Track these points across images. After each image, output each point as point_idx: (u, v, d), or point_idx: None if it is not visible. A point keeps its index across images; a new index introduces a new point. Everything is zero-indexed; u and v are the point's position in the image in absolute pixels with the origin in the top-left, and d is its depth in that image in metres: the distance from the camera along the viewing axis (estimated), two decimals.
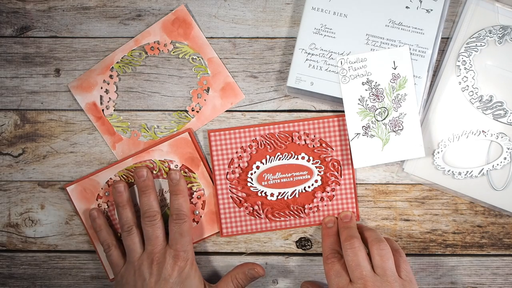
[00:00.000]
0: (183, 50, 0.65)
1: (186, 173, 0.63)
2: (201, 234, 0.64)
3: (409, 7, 0.62)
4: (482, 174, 0.63)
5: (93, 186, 0.64)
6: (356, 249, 0.56)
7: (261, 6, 0.65)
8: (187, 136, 0.63)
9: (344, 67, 0.62)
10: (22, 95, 0.66)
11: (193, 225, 0.63)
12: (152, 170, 0.63)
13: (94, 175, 0.64)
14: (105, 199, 0.64)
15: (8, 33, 0.66)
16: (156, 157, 0.63)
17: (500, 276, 0.65)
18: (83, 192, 0.63)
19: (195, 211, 0.63)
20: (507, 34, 0.62)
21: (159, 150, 0.63)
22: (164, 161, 0.63)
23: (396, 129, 0.62)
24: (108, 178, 0.63)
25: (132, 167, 0.63)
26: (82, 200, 0.64)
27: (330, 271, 0.57)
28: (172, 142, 0.63)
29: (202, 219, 0.64)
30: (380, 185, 0.65)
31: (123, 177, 0.63)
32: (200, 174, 0.63)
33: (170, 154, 0.63)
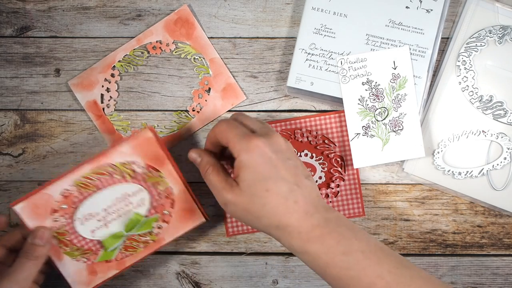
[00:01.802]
0: (185, 50, 0.65)
1: (151, 172, 0.59)
2: (173, 233, 0.60)
3: (409, 7, 0.62)
4: (482, 174, 0.63)
5: (46, 200, 0.57)
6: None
7: (261, 6, 0.65)
8: (149, 133, 0.58)
9: (344, 67, 0.62)
10: (22, 95, 0.65)
11: (164, 226, 0.60)
12: (113, 175, 0.58)
13: (45, 189, 0.57)
14: (62, 213, 0.58)
15: (8, 33, 0.66)
16: (117, 159, 0.58)
17: (500, 276, 0.65)
18: (35, 209, 0.57)
19: (164, 211, 0.60)
20: (507, 34, 0.62)
21: (119, 152, 0.58)
22: (125, 163, 0.58)
23: (396, 129, 0.62)
24: (63, 189, 0.58)
25: (90, 174, 0.58)
26: (35, 218, 0.57)
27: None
28: (133, 143, 0.58)
29: (173, 218, 0.60)
30: (380, 185, 0.65)
31: (80, 186, 0.58)
32: (167, 172, 0.59)
33: (132, 155, 0.58)
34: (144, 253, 0.60)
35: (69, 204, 0.58)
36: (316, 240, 0.50)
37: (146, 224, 0.59)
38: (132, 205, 0.59)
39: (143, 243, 0.60)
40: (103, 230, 0.59)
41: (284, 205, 0.50)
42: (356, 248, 0.49)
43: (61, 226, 0.58)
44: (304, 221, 0.50)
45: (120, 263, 0.60)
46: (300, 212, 0.50)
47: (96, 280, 0.60)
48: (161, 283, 0.66)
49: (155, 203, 0.59)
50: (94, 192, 0.58)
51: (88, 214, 0.58)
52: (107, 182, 0.58)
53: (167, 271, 0.66)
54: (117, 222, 0.59)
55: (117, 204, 0.59)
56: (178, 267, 0.66)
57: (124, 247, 0.60)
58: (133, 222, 0.59)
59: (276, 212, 0.50)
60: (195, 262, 0.66)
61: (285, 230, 0.50)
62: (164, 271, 0.66)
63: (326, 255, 0.49)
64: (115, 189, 0.58)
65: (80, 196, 0.58)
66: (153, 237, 0.60)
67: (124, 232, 0.59)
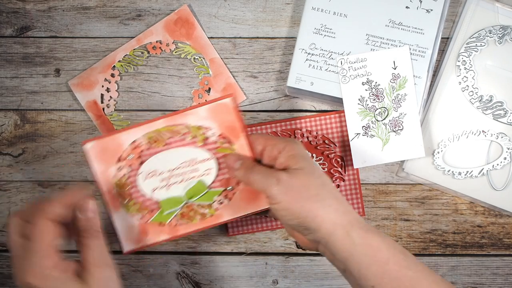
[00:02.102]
0: (185, 50, 0.65)
1: (224, 143, 0.56)
2: (233, 212, 0.57)
3: (409, 7, 0.62)
4: (482, 174, 0.63)
5: (116, 146, 0.55)
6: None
7: (261, 6, 0.65)
8: (230, 102, 0.55)
9: (344, 67, 0.62)
10: (22, 95, 0.65)
11: (225, 202, 0.57)
12: (185, 137, 0.56)
13: (118, 134, 0.55)
14: (128, 162, 0.56)
15: (8, 33, 0.66)
16: (192, 121, 0.55)
17: (500, 276, 0.65)
18: (104, 152, 0.55)
19: (228, 187, 0.57)
20: (507, 34, 0.62)
21: (196, 114, 0.55)
22: (201, 127, 0.56)
23: (396, 129, 0.62)
24: (134, 139, 0.56)
25: (163, 129, 0.55)
26: (101, 160, 0.55)
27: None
28: (212, 107, 0.55)
29: (236, 196, 0.57)
30: (380, 185, 0.65)
31: (151, 140, 0.56)
32: (239, 146, 0.56)
33: (208, 120, 0.55)
34: (199, 225, 0.57)
35: (136, 156, 0.56)
36: (377, 233, 0.50)
37: (208, 196, 0.57)
38: (198, 173, 0.57)
39: (200, 214, 0.57)
40: (163, 191, 0.57)
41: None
42: (410, 253, 0.50)
43: (124, 177, 0.56)
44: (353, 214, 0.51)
45: (172, 229, 0.57)
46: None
47: (146, 241, 0.57)
48: (161, 283, 0.66)
49: (221, 176, 0.57)
50: (163, 150, 0.56)
51: (153, 171, 0.56)
52: (178, 142, 0.56)
53: (167, 271, 0.66)
54: (179, 186, 0.57)
55: (183, 168, 0.56)
56: (178, 267, 0.66)
57: (181, 214, 0.57)
58: (196, 190, 0.57)
59: (336, 194, 0.50)
60: (195, 262, 0.66)
61: (348, 214, 0.50)
62: (164, 271, 0.66)
63: (387, 250, 0.49)
64: (184, 151, 0.56)
65: (148, 150, 0.56)
66: (211, 211, 0.57)
67: (184, 198, 0.57)
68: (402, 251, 0.50)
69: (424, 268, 0.49)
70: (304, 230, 0.50)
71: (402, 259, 0.49)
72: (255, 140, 0.54)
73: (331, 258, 0.51)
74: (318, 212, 0.49)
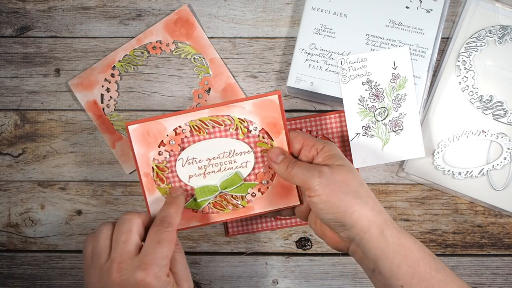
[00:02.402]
0: (185, 50, 0.65)
1: (264, 138, 0.57)
2: (264, 206, 0.58)
3: (409, 7, 0.62)
4: (482, 174, 0.63)
5: (159, 130, 0.56)
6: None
7: (261, 6, 0.65)
8: (276, 99, 0.56)
9: (344, 67, 0.62)
10: (22, 95, 0.65)
11: (258, 195, 0.58)
12: (228, 128, 0.57)
13: (162, 119, 0.56)
14: (169, 148, 0.57)
15: (8, 33, 0.66)
16: (236, 114, 0.56)
17: (500, 276, 0.65)
18: (146, 135, 0.56)
19: (263, 181, 0.58)
20: (507, 34, 0.62)
21: (241, 107, 0.56)
22: (244, 120, 0.57)
23: (396, 129, 0.62)
24: (178, 125, 0.56)
25: (207, 119, 0.56)
26: (142, 143, 0.56)
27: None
28: (257, 102, 0.56)
29: (269, 190, 0.58)
30: (380, 185, 0.65)
31: (194, 128, 0.56)
32: (279, 142, 0.57)
33: (252, 114, 0.56)
34: (230, 215, 0.58)
35: (178, 142, 0.57)
36: (408, 235, 0.51)
37: (243, 188, 0.58)
38: (235, 164, 0.58)
39: (232, 205, 0.58)
40: (200, 179, 0.57)
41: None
42: (438, 258, 0.51)
43: (163, 161, 0.57)
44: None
45: (204, 217, 0.58)
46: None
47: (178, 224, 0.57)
48: None
49: (257, 170, 0.58)
50: (204, 139, 0.57)
51: (192, 158, 0.57)
52: (220, 133, 0.57)
53: None
54: (215, 176, 0.58)
55: (222, 158, 0.57)
56: None
57: (213, 203, 0.58)
58: (232, 181, 0.58)
59: (371, 194, 0.52)
60: (195, 262, 0.66)
61: (382, 214, 0.51)
62: None
63: (418, 251, 0.50)
64: (225, 142, 0.57)
65: (190, 138, 0.57)
66: (244, 203, 0.58)
67: (219, 187, 0.58)
68: (431, 254, 0.51)
69: (451, 273, 0.50)
70: (339, 226, 0.51)
71: (432, 262, 0.50)
72: (294, 138, 0.56)
73: (361, 258, 0.52)
74: (356, 208, 0.50)
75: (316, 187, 0.50)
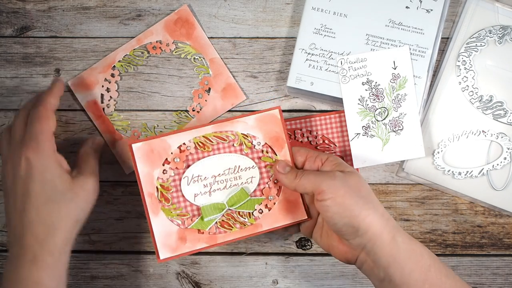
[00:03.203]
0: (185, 50, 0.65)
1: (268, 153, 0.58)
2: (272, 222, 0.58)
3: (409, 7, 0.62)
4: (482, 174, 0.63)
5: (163, 148, 0.56)
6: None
7: (261, 6, 0.65)
8: (277, 113, 0.58)
9: (344, 67, 0.62)
10: (22, 95, 0.65)
11: (265, 212, 0.58)
12: (232, 143, 0.57)
13: (166, 136, 0.56)
14: (173, 165, 0.57)
15: (8, 33, 0.66)
16: (239, 129, 0.57)
17: (500, 276, 0.65)
18: (150, 154, 0.56)
19: (269, 196, 0.58)
20: (507, 34, 0.62)
21: (244, 122, 0.57)
22: (247, 135, 0.57)
23: (396, 129, 0.62)
24: (182, 142, 0.57)
25: (212, 135, 0.57)
26: (147, 162, 0.56)
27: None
28: (260, 117, 0.58)
29: (275, 206, 0.58)
30: (380, 185, 0.65)
31: (198, 144, 0.57)
32: (282, 156, 0.58)
33: (255, 129, 0.58)
34: (238, 234, 0.58)
35: (182, 159, 0.57)
36: (417, 241, 0.51)
37: (250, 204, 0.57)
38: (241, 180, 0.57)
39: (240, 223, 0.58)
40: (206, 197, 0.57)
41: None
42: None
43: (168, 180, 0.56)
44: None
45: (211, 238, 0.57)
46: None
47: (183, 248, 0.57)
48: (161, 283, 0.66)
49: (262, 185, 0.58)
50: (209, 155, 0.57)
51: (197, 176, 0.57)
52: (224, 149, 0.57)
53: (167, 271, 0.66)
54: (222, 193, 0.57)
55: (227, 174, 0.57)
56: (178, 267, 0.66)
57: (220, 222, 0.57)
58: (238, 197, 0.57)
59: (379, 202, 0.52)
60: (195, 262, 0.66)
61: (391, 221, 0.51)
62: (164, 271, 0.66)
63: (429, 257, 0.50)
64: (229, 158, 0.57)
65: (194, 155, 0.56)
66: (251, 220, 0.58)
67: (226, 205, 0.57)
68: (440, 261, 0.51)
69: (460, 279, 0.51)
70: (352, 232, 0.51)
71: (442, 268, 0.50)
72: (297, 152, 0.57)
73: (371, 267, 0.51)
74: (369, 212, 0.50)
75: (330, 189, 0.50)
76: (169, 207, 0.57)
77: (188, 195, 0.57)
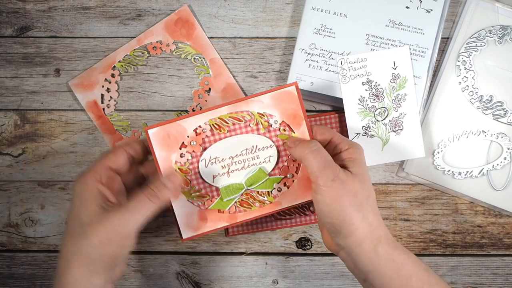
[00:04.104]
0: (186, 51, 0.65)
1: (285, 131, 0.57)
2: (291, 200, 0.58)
3: (409, 7, 0.62)
4: (482, 174, 0.63)
5: (179, 132, 0.55)
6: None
7: (261, 6, 0.65)
8: (294, 90, 0.55)
9: (344, 67, 0.62)
10: (22, 95, 0.65)
11: (284, 189, 0.58)
12: (249, 123, 0.56)
13: (181, 120, 0.55)
14: (190, 149, 0.56)
15: (8, 33, 0.66)
16: (255, 108, 0.56)
17: (500, 276, 0.65)
18: (166, 138, 0.55)
19: (288, 174, 0.58)
20: (507, 34, 0.62)
21: (259, 101, 0.56)
22: (264, 114, 0.56)
23: (396, 129, 0.62)
24: (197, 125, 0.55)
25: (227, 116, 0.56)
26: (164, 146, 0.55)
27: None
28: (275, 95, 0.56)
29: (294, 183, 0.58)
30: (380, 185, 0.65)
31: (214, 126, 0.56)
32: (301, 134, 0.56)
33: (271, 108, 0.56)
34: (258, 212, 0.58)
35: (199, 142, 0.56)
36: (402, 250, 0.51)
37: (268, 183, 0.57)
38: (259, 160, 0.57)
39: (259, 202, 0.58)
40: (224, 178, 0.57)
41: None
42: (433, 271, 0.52)
43: (186, 163, 0.56)
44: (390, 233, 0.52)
45: (231, 217, 0.58)
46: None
47: (205, 227, 0.57)
48: (161, 283, 0.66)
49: (281, 163, 0.57)
50: (225, 137, 0.56)
51: (215, 158, 0.56)
52: (241, 129, 0.56)
53: (167, 271, 0.66)
54: (240, 174, 0.57)
55: (245, 155, 0.57)
56: (178, 267, 0.66)
57: (240, 202, 0.57)
58: (256, 177, 0.57)
59: (375, 209, 0.52)
60: (195, 262, 0.66)
61: (380, 230, 0.51)
62: (164, 271, 0.66)
63: (411, 266, 0.50)
64: (246, 138, 0.56)
65: (211, 137, 0.56)
66: (270, 199, 0.58)
67: (244, 185, 0.57)
68: (426, 268, 0.51)
69: (446, 286, 0.51)
70: (334, 232, 0.51)
71: (425, 276, 0.50)
72: (323, 133, 0.55)
73: (351, 267, 0.52)
74: (355, 221, 0.50)
75: (325, 187, 0.50)
76: (189, 190, 0.57)
77: (207, 177, 0.57)
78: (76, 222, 0.49)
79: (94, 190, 0.50)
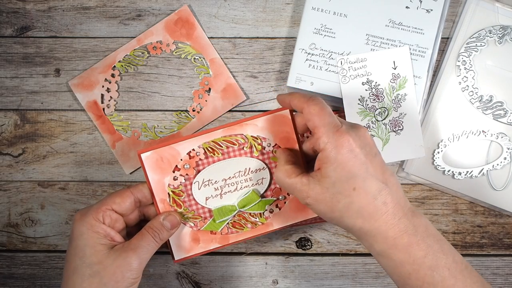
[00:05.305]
0: (186, 50, 0.65)
1: (277, 152, 0.56)
2: (282, 221, 0.58)
3: (409, 7, 0.62)
4: (482, 174, 0.63)
5: (172, 156, 0.55)
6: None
7: (261, 6, 0.65)
8: (287, 113, 0.56)
9: (344, 67, 0.62)
10: (22, 95, 0.65)
11: (276, 211, 0.58)
12: (242, 147, 0.56)
13: (175, 144, 0.55)
14: (183, 172, 0.56)
15: (8, 33, 0.66)
16: (249, 132, 0.56)
17: (500, 276, 0.65)
18: (160, 162, 0.55)
19: (280, 196, 0.58)
20: (507, 34, 0.62)
21: (253, 124, 0.56)
22: (257, 137, 0.56)
23: (396, 129, 0.62)
24: (191, 149, 0.56)
25: (221, 139, 0.56)
26: (157, 170, 0.55)
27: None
28: (269, 118, 0.56)
29: (286, 205, 0.58)
30: None
31: (208, 150, 0.56)
32: None
33: (265, 131, 0.56)
34: (250, 234, 0.58)
35: (192, 166, 0.56)
36: (402, 248, 0.47)
37: (261, 205, 0.58)
38: (251, 182, 0.57)
39: (251, 223, 0.58)
40: (217, 200, 0.57)
41: (372, 205, 0.47)
42: (443, 264, 0.47)
43: (179, 186, 0.56)
44: (392, 226, 0.47)
45: (223, 238, 0.58)
46: (388, 214, 0.47)
47: (197, 249, 0.58)
48: (161, 283, 0.66)
49: (273, 186, 0.58)
50: (219, 160, 0.56)
51: (208, 180, 0.56)
52: (234, 152, 0.56)
53: (167, 271, 0.66)
54: (232, 196, 0.57)
55: (238, 177, 0.57)
56: (178, 267, 0.66)
57: (232, 223, 0.58)
58: (249, 199, 0.57)
59: (362, 214, 0.47)
60: (195, 262, 0.66)
61: (370, 233, 0.47)
62: (164, 271, 0.66)
63: (411, 265, 0.47)
64: (239, 161, 0.57)
65: (204, 160, 0.56)
66: (262, 220, 0.58)
67: (237, 207, 0.57)
68: (431, 266, 0.48)
69: (453, 284, 0.47)
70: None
71: (426, 275, 0.47)
72: (313, 110, 0.49)
73: (367, 245, 0.50)
74: (344, 225, 0.49)
75: (309, 204, 0.49)
76: (181, 211, 0.57)
77: (200, 198, 0.57)
78: (82, 262, 0.50)
79: (99, 230, 0.51)
